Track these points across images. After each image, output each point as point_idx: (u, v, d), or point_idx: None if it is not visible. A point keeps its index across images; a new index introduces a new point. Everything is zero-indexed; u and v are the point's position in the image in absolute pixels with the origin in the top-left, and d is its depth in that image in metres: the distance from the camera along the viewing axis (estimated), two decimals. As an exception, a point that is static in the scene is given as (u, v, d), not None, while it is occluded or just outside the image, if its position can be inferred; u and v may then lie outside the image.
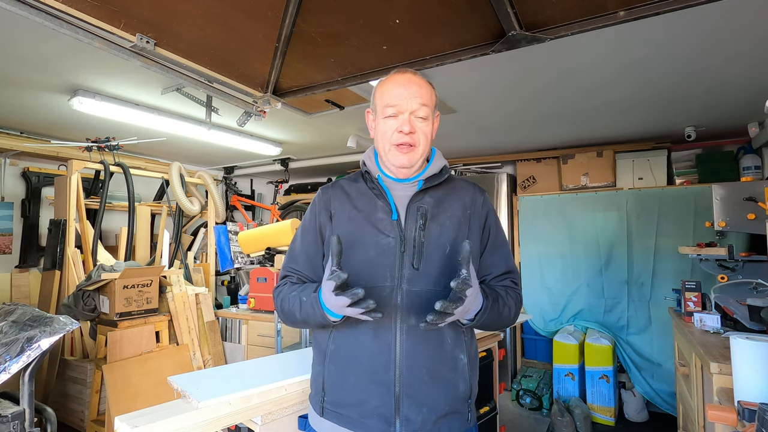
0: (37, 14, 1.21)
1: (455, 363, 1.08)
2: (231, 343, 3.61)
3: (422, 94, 1.09)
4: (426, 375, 1.04)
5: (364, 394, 1.05)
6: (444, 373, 1.06)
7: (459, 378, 1.08)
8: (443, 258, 1.07)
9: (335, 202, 1.16)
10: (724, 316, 2.11)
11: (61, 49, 1.97)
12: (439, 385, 1.05)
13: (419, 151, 1.10)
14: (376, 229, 1.10)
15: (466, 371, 1.09)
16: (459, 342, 1.09)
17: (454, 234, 1.10)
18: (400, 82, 1.10)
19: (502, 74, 2.29)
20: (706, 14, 1.66)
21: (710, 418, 1.22)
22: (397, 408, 1.02)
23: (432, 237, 1.08)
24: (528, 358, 4.17)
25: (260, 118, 2.11)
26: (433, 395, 1.04)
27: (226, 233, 4.30)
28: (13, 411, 1.60)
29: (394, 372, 1.03)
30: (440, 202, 1.13)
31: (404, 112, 1.09)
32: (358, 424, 1.05)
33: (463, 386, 1.08)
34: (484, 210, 1.16)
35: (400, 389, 1.03)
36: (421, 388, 1.03)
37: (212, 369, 1.56)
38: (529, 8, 1.28)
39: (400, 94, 1.08)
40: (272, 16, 1.42)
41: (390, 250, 1.07)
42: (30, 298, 3.45)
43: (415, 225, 1.09)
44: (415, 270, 1.05)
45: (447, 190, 1.16)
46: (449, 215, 1.12)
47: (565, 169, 4.02)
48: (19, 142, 3.34)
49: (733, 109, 2.85)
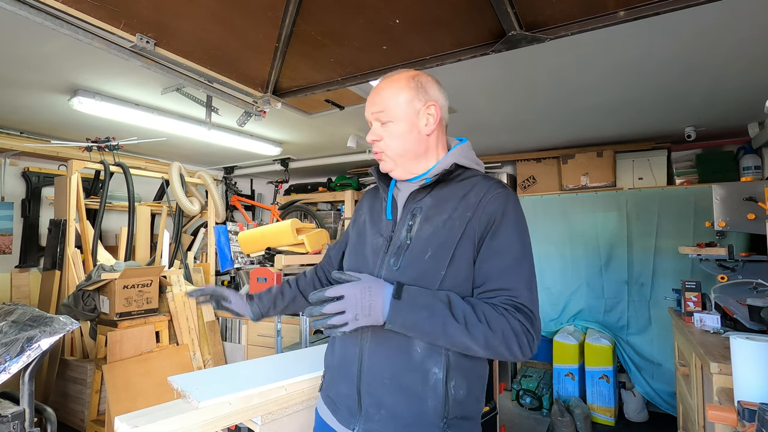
0: (37, 14, 1.21)
1: (425, 375, 0.98)
2: (231, 343, 3.61)
3: (381, 97, 1.08)
4: (387, 378, 1.00)
5: (339, 381, 1.10)
6: (409, 383, 0.98)
7: (429, 392, 0.97)
8: (422, 262, 1.00)
9: (364, 207, 1.24)
10: (724, 316, 2.11)
11: (61, 49, 1.97)
12: (401, 392, 0.99)
13: (391, 156, 1.08)
14: (376, 229, 1.12)
15: (441, 387, 0.97)
16: (433, 354, 0.98)
17: (442, 238, 1.00)
18: (371, 94, 1.12)
19: (502, 74, 2.29)
20: (706, 13, 1.66)
21: (710, 418, 1.22)
22: (359, 402, 1.03)
23: (420, 239, 1.03)
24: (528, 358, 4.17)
25: (260, 118, 2.10)
26: (393, 400, 0.99)
27: (226, 233, 4.30)
28: (13, 411, 1.60)
29: (358, 367, 1.04)
30: (441, 203, 1.06)
31: (371, 120, 1.11)
32: (335, 407, 1.10)
33: (433, 402, 0.97)
34: (491, 208, 1.00)
35: (360, 385, 1.03)
36: (381, 390, 1.00)
37: (212, 369, 1.56)
38: (529, 8, 1.28)
39: (367, 104, 1.11)
40: (272, 16, 1.42)
41: (378, 250, 1.08)
42: (30, 298, 3.45)
43: (405, 225, 1.07)
44: (394, 270, 1.02)
45: (456, 190, 1.06)
46: (445, 217, 1.03)
47: (565, 169, 4.02)
48: (19, 142, 3.34)
49: (733, 109, 2.85)
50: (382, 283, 0.96)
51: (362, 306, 0.92)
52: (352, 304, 0.92)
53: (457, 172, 1.08)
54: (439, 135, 1.13)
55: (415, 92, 1.07)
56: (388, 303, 0.93)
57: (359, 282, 0.95)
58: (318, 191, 5.04)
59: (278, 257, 3.50)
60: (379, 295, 0.93)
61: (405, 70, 1.13)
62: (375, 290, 0.94)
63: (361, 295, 0.92)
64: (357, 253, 1.15)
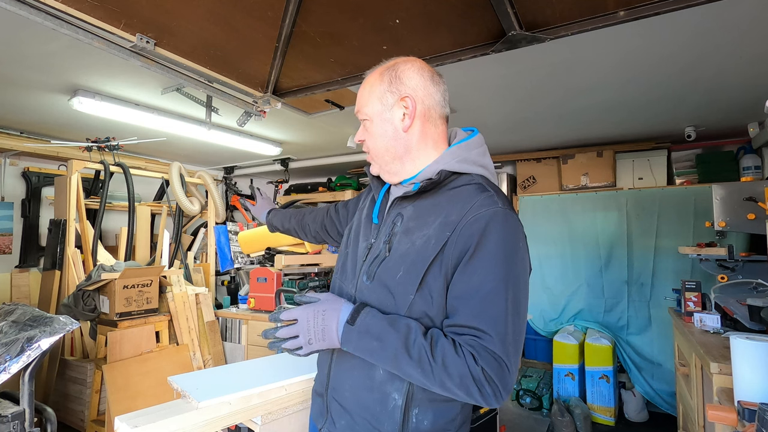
0: (37, 14, 1.21)
1: (384, 399, 0.92)
2: (231, 343, 3.61)
3: (359, 96, 1.02)
4: (348, 390, 0.98)
5: (317, 379, 1.12)
6: (367, 403, 0.94)
7: (385, 417, 0.92)
8: (392, 282, 0.92)
9: (361, 203, 1.21)
10: (724, 316, 2.11)
11: (61, 49, 1.97)
12: (359, 408, 0.96)
13: (377, 158, 1.02)
14: (365, 231, 1.07)
15: (399, 415, 0.90)
16: (394, 379, 0.91)
17: (414, 258, 0.89)
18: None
19: (501, 74, 2.29)
20: (706, 13, 1.66)
21: (710, 418, 1.22)
22: (326, 405, 1.04)
23: (395, 254, 0.93)
24: (528, 358, 4.17)
25: (260, 118, 2.11)
26: (353, 414, 0.97)
27: (226, 233, 4.30)
28: (13, 411, 1.60)
29: (327, 372, 1.05)
30: (422, 215, 0.93)
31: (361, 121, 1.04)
32: (314, 398, 1.12)
33: (389, 428, 0.91)
34: (469, 234, 0.85)
35: (327, 390, 1.04)
36: (344, 400, 0.99)
37: (212, 369, 1.56)
38: (529, 8, 1.28)
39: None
40: (272, 16, 1.42)
41: (360, 256, 1.03)
42: (30, 298, 3.45)
43: (384, 236, 0.98)
44: (366, 286, 0.97)
45: (441, 201, 0.93)
46: (423, 233, 0.90)
47: (565, 169, 4.02)
48: (19, 142, 3.34)
49: (733, 109, 2.85)
50: (339, 305, 0.92)
51: (315, 330, 0.90)
52: (305, 329, 0.91)
53: (451, 178, 0.95)
54: (425, 131, 0.98)
55: (387, 85, 0.97)
56: (341, 327, 0.90)
57: (313, 305, 0.93)
58: (318, 191, 5.04)
59: (278, 257, 3.51)
60: (333, 320, 0.90)
61: (389, 60, 1.03)
62: (329, 314, 0.91)
63: (314, 320, 0.91)
64: (344, 256, 1.12)
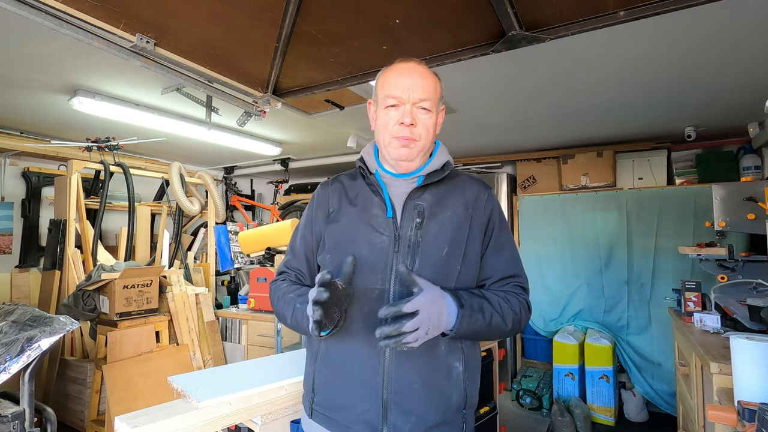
0: (37, 14, 1.21)
1: (449, 371, 1.01)
2: (231, 343, 3.61)
3: (426, 85, 1.04)
4: (417, 382, 0.98)
5: (351, 398, 1.01)
6: (436, 381, 1.00)
7: (452, 387, 1.01)
8: (439, 259, 1.01)
9: (333, 199, 1.14)
10: (724, 316, 2.11)
11: (61, 49, 1.97)
12: (431, 393, 0.99)
13: (419, 145, 1.04)
14: (371, 226, 1.05)
15: (461, 380, 1.02)
16: (454, 349, 1.02)
17: (453, 234, 1.03)
18: (404, 71, 1.05)
19: (502, 74, 2.29)
20: (706, 13, 1.66)
21: (710, 418, 1.22)
22: (385, 415, 0.98)
23: (429, 237, 1.02)
24: (528, 358, 4.17)
25: (260, 118, 2.10)
26: (423, 404, 0.98)
27: (226, 233, 4.30)
28: (13, 411, 1.60)
29: (382, 377, 0.98)
30: (441, 200, 1.07)
31: (406, 103, 1.03)
32: (344, 429, 1.02)
33: (456, 396, 1.02)
34: (488, 208, 1.09)
35: (387, 396, 0.98)
36: (410, 395, 0.98)
37: (212, 369, 1.56)
38: (529, 8, 1.28)
39: (403, 84, 1.03)
40: (272, 16, 1.42)
41: (383, 250, 1.02)
42: (30, 298, 3.45)
43: (411, 223, 1.03)
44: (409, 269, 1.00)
45: (449, 187, 1.10)
46: (449, 214, 1.05)
47: (565, 169, 4.02)
48: (19, 142, 3.34)
49: (733, 109, 2.85)
50: (439, 291, 0.92)
51: (431, 319, 0.87)
52: (426, 319, 0.86)
53: (448, 169, 1.11)
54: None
55: (441, 92, 1.11)
56: (454, 313, 0.92)
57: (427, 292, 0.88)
58: (318, 191, 5.04)
59: (278, 257, 3.50)
60: (443, 306, 0.90)
61: (420, 62, 1.09)
62: (439, 300, 0.90)
63: (433, 308, 0.88)
64: (352, 251, 1.02)
